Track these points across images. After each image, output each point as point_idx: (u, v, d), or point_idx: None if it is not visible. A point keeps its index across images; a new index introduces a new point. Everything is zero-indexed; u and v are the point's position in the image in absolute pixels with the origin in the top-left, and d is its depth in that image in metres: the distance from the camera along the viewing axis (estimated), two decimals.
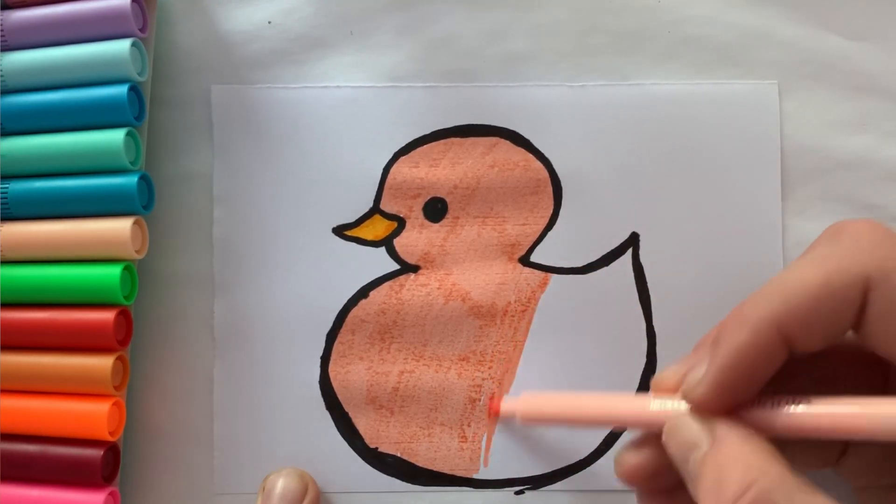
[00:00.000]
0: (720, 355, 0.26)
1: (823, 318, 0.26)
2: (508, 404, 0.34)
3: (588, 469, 0.35)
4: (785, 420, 0.26)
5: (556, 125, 0.35)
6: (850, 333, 0.27)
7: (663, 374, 0.29)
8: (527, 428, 0.34)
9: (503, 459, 0.35)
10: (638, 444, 0.29)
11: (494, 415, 0.34)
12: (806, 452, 0.30)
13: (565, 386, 0.35)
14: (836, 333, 0.26)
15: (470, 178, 0.35)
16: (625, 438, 0.35)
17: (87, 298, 0.33)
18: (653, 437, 0.29)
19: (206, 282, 0.35)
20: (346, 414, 0.35)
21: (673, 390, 0.29)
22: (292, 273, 0.35)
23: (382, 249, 0.35)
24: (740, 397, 0.27)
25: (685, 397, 0.27)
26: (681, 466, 0.27)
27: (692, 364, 0.28)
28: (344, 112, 0.35)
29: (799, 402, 0.26)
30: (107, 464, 0.33)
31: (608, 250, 0.35)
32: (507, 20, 0.35)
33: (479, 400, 0.35)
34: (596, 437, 0.35)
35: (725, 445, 0.26)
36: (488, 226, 0.35)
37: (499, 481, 0.35)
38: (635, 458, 0.29)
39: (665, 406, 0.28)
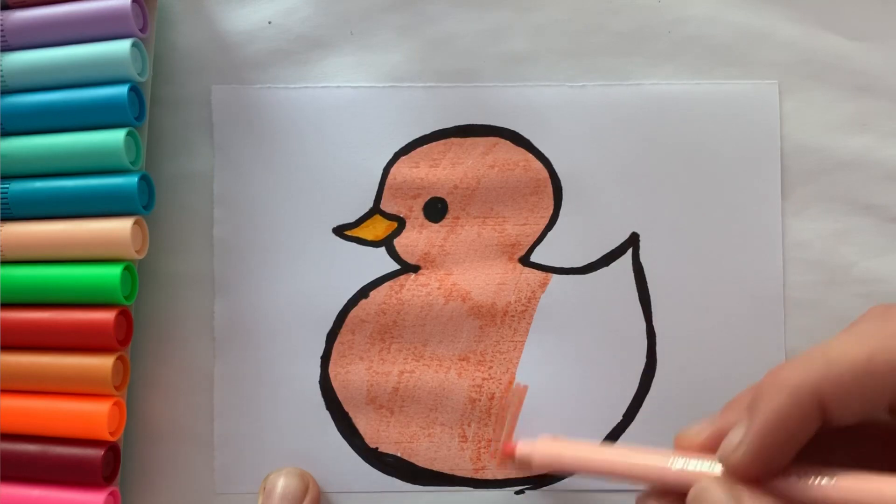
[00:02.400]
0: (759, 419, 0.26)
1: (862, 393, 0.26)
2: (525, 448, 0.33)
3: None
4: (810, 492, 0.26)
5: (556, 125, 0.35)
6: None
7: (689, 431, 0.29)
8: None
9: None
10: (661, 493, 0.29)
11: (509, 457, 0.34)
12: None
13: (565, 385, 0.35)
14: (871, 410, 0.26)
15: (470, 178, 0.35)
16: (625, 439, 0.35)
17: (88, 298, 0.33)
18: (676, 491, 0.29)
19: (206, 282, 0.35)
20: (347, 414, 0.35)
21: (698, 449, 0.28)
22: (292, 273, 0.35)
23: (382, 249, 0.35)
24: (774, 465, 0.26)
25: (722, 461, 0.27)
26: None
27: (721, 425, 0.28)
28: (344, 112, 0.35)
29: (826, 476, 0.26)
30: (107, 464, 0.33)
31: (608, 250, 0.35)
32: (507, 20, 0.35)
33: (480, 400, 0.35)
34: (597, 436, 0.35)
35: None
36: (488, 226, 0.35)
37: (499, 481, 0.35)
38: None
39: (689, 466, 0.28)
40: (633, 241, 0.35)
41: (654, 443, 0.34)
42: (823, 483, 0.26)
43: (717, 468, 0.27)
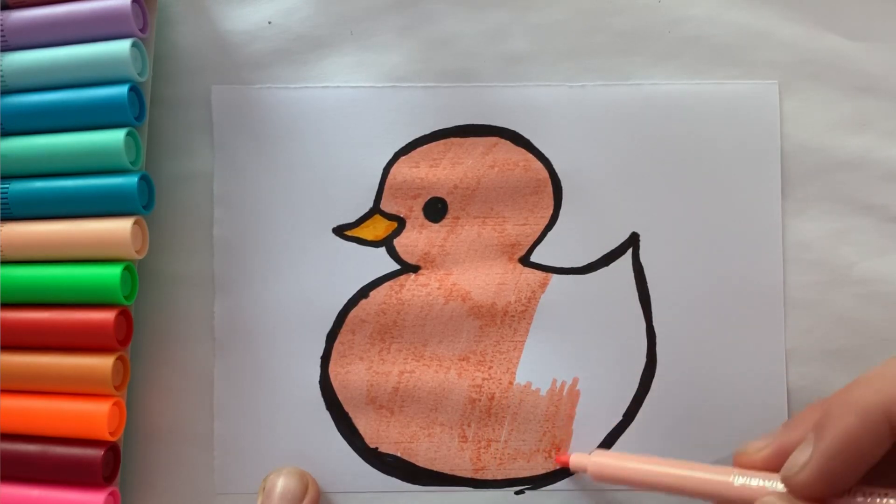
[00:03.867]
0: (827, 440, 0.25)
1: None
2: (579, 459, 0.33)
3: None
4: None
5: (556, 125, 0.35)
6: None
7: (749, 447, 0.29)
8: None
9: (504, 459, 0.35)
10: None
11: (562, 465, 0.34)
12: None
13: (565, 385, 0.35)
14: None
15: (470, 178, 0.35)
16: (625, 439, 0.35)
17: (88, 298, 0.33)
18: None
19: (206, 282, 0.35)
20: (346, 414, 0.35)
21: (758, 466, 0.28)
22: (292, 273, 0.35)
23: (382, 249, 0.35)
24: (840, 486, 0.26)
25: (786, 481, 0.27)
26: None
27: (783, 443, 0.28)
28: (344, 112, 0.35)
29: (891, 497, 0.25)
30: (107, 464, 0.33)
31: (608, 250, 0.35)
32: (507, 20, 0.35)
33: (480, 400, 0.35)
34: (597, 436, 0.35)
35: None
36: (488, 226, 0.35)
37: (499, 481, 0.35)
38: None
39: (752, 482, 0.28)
40: (633, 241, 0.35)
41: (654, 443, 0.35)
42: (890, 502, 0.25)
43: (779, 486, 0.27)
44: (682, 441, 0.34)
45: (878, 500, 0.26)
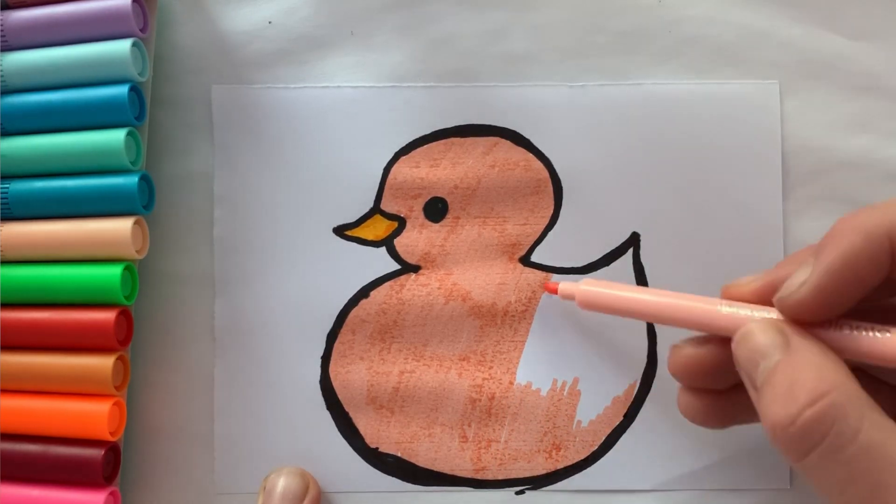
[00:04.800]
0: (828, 257, 0.26)
1: None
2: (568, 286, 0.33)
3: (588, 469, 0.35)
4: (862, 343, 0.26)
5: (557, 125, 0.35)
6: None
7: (739, 281, 0.29)
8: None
9: (505, 459, 0.35)
10: (700, 339, 0.29)
11: (552, 292, 0.34)
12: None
13: (565, 385, 0.35)
14: None
15: (470, 178, 0.35)
16: (625, 439, 0.35)
17: (88, 298, 0.33)
18: (717, 338, 0.29)
19: (206, 282, 0.35)
20: (347, 414, 0.35)
21: (747, 298, 0.28)
22: (293, 273, 0.35)
23: (383, 249, 0.35)
24: (835, 307, 0.26)
25: (780, 302, 0.27)
26: (747, 373, 0.26)
27: (774, 277, 0.28)
28: (344, 112, 0.35)
29: (878, 331, 0.26)
30: (107, 464, 0.33)
31: (609, 250, 0.35)
32: (507, 20, 0.35)
33: (480, 400, 0.35)
34: (598, 436, 0.35)
35: (801, 355, 0.25)
36: (489, 226, 0.35)
37: (499, 481, 0.35)
38: (693, 352, 0.29)
39: (741, 311, 0.28)
40: (633, 240, 0.35)
41: (655, 443, 0.35)
42: (878, 335, 0.26)
43: (767, 316, 0.27)
44: (683, 441, 0.34)
45: (863, 333, 0.26)
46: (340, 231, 0.35)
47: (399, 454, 0.35)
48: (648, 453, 0.34)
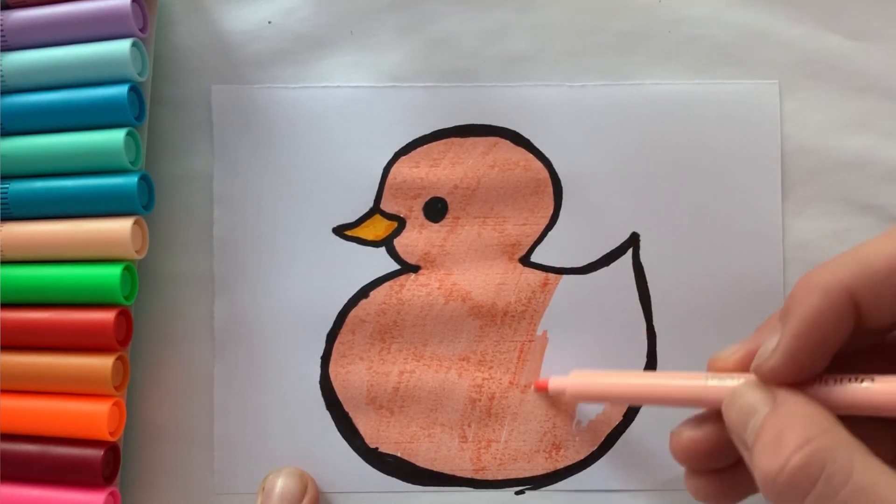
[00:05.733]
0: (792, 321, 0.26)
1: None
2: (557, 381, 0.33)
3: (588, 469, 0.35)
4: (846, 395, 0.26)
5: (556, 125, 0.35)
6: None
7: (721, 353, 0.29)
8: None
9: (505, 459, 0.35)
10: (696, 421, 0.29)
11: (542, 390, 0.34)
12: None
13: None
14: None
15: (470, 178, 0.35)
16: (625, 439, 0.35)
17: (88, 298, 0.33)
18: (711, 415, 0.29)
19: (206, 282, 0.35)
20: (347, 414, 0.35)
21: (731, 369, 0.29)
22: (292, 273, 0.35)
23: (383, 249, 0.35)
24: (809, 369, 0.26)
25: (756, 370, 0.27)
26: (738, 435, 0.26)
27: (753, 345, 0.28)
28: (344, 112, 0.35)
29: (862, 380, 0.26)
30: (107, 464, 0.33)
31: (608, 250, 0.35)
32: (507, 20, 0.35)
33: (480, 400, 0.35)
34: (597, 436, 0.35)
35: (786, 407, 0.25)
36: (489, 226, 0.35)
37: (499, 481, 0.35)
38: (692, 435, 0.29)
39: (724, 383, 0.28)
40: (633, 241, 0.35)
41: (655, 443, 0.35)
42: (862, 386, 0.26)
43: (752, 381, 0.27)
44: None
45: (849, 385, 0.26)
46: (340, 231, 0.35)
47: (399, 454, 0.35)
48: (648, 453, 0.34)
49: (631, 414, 0.35)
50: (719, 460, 0.29)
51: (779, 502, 0.24)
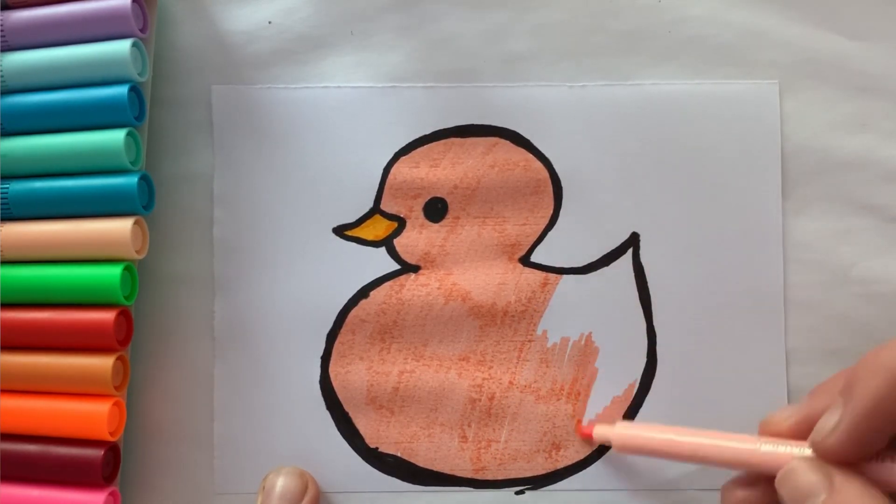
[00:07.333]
0: (856, 402, 0.25)
1: None
2: (603, 431, 0.33)
3: (588, 469, 0.35)
4: None
5: (556, 125, 0.35)
6: None
7: (775, 416, 0.29)
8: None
9: (504, 459, 0.35)
10: (746, 481, 0.29)
11: (586, 438, 0.34)
12: None
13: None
14: None
15: (470, 178, 0.35)
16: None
17: (88, 298, 0.33)
18: (762, 476, 0.29)
19: (206, 282, 0.35)
20: (347, 414, 0.35)
21: (785, 435, 0.28)
22: (292, 273, 0.35)
23: (383, 249, 0.35)
24: (869, 448, 0.26)
25: (815, 446, 0.27)
26: None
27: (809, 411, 0.28)
28: (344, 112, 0.35)
29: None
30: (107, 464, 0.33)
31: (608, 250, 0.35)
32: (507, 20, 0.35)
33: (480, 400, 0.35)
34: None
35: (844, 493, 0.25)
36: (488, 226, 0.35)
37: (499, 481, 0.35)
38: (745, 495, 0.29)
39: (779, 449, 0.28)
40: (633, 241, 0.35)
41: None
42: None
43: (806, 452, 0.27)
44: None
45: None
46: (340, 231, 0.35)
47: (399, 454, 0.35)
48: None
49: (631, 414, 0.35)
50: None
51: None
